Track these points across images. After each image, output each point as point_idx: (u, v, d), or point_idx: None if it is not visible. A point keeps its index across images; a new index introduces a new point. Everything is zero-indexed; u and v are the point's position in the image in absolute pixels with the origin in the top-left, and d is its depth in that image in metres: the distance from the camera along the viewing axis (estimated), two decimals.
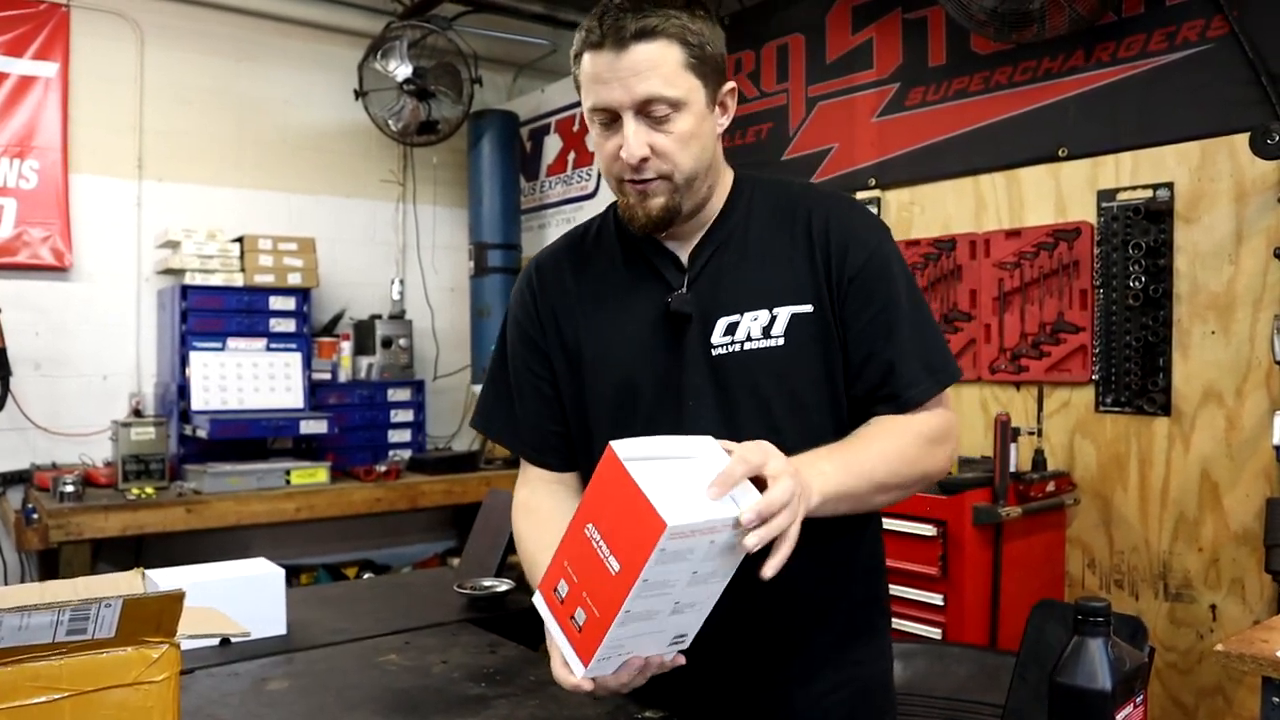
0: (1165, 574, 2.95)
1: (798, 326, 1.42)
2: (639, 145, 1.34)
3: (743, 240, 1.48)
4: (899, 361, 1.42)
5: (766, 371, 1.42)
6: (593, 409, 1.52)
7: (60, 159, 4.52)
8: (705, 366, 1.44)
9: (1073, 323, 3.14)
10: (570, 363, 1.54)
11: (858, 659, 1.54)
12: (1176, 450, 2.93)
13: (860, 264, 1.43)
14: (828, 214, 1.46)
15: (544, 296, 1.57)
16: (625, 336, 1.49)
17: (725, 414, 1.43)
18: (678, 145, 1.36)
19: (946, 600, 2.83)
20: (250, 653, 1.76)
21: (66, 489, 3.82)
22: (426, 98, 4.88)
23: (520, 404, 1.59)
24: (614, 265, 1.53)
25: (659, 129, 1.35)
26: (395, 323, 5.16)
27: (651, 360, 1.46)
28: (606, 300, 1.52)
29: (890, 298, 1.43)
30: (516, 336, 1.60)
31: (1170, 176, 2.94)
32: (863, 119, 3.79)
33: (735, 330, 1.43)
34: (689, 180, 1.40)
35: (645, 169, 1.37)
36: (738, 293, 1.44)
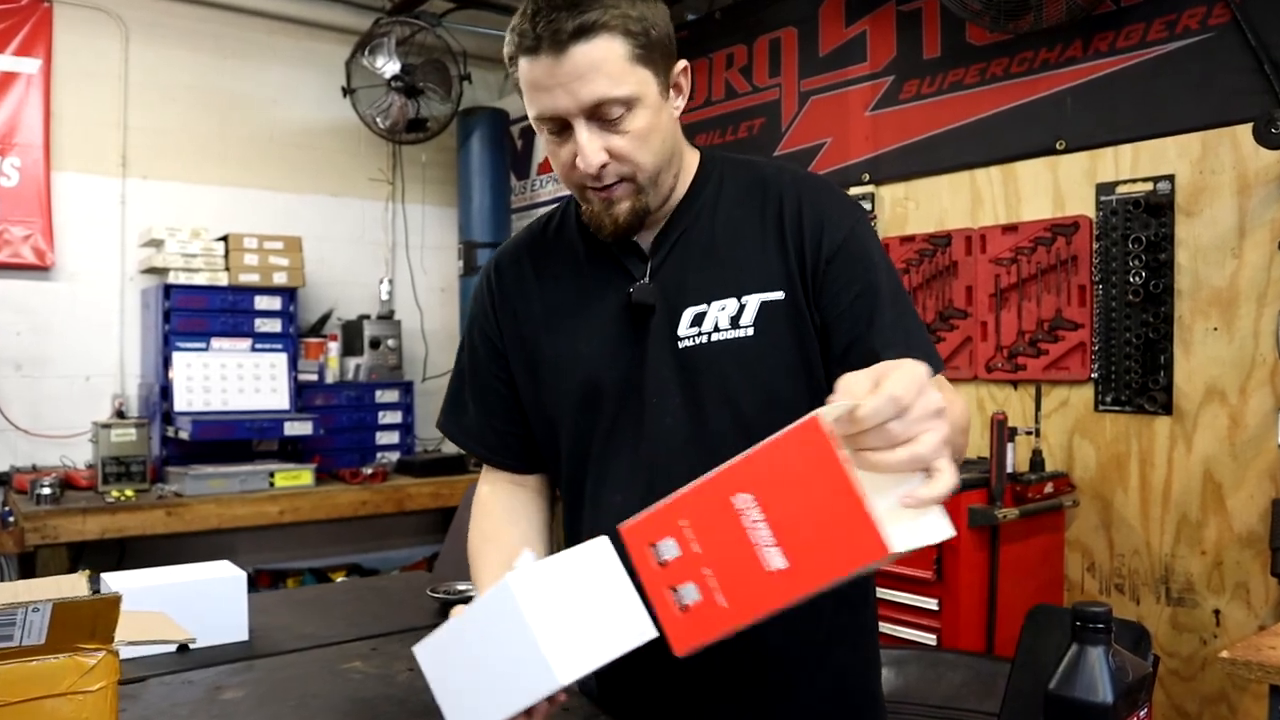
0: (1167, 578, 2.87)
1: (768, 315, 1.33)
2: (594, 153, 1.25)
3: (709, 225, 1.39)
4: (883, 350, 1.30)
5: (736, 364, 1.33)
6: (554, 410, 1.45)
7: (42, 156, 4.45)
8: (672, 360, 1.35)
9: (1071, 319, 3.06)
10: (529, 363, 1.47)
11: (842, 667, 1.46)
12: (1178, 450, 2.85)
13: (836, 245, 1.34)
14: (799, 195, 1.37)
15: (502, 296, 1.50)
16: (586, 333, 1.41)
17: (691, 410, 1.35)
18: (636, 144, 1.27)
19: (941, 605, 2.75)
20: (208, 660, 1.68)
21: (44, 491, 3.74)
22: (415, 95, 4.81)
23: (479, 406, 1.53)
24: (575, 258, 1.45)
25: (613, 131, 1.25)
26: (383, 323, 5.08)
27: (613, 357, 1.38)
28: (567, 296, 1.44)
29: (870, 282, 1.34)
30: (476, 337, 1.54)
31: (1171, 169, 2.86)
32: (856, 113, 3.71)
33: (703, 321, 1.35)
34: (653, 178, 1.32)
35: (605, 174, 1.28)
36: (704, 280, 1.36)
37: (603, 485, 1.41)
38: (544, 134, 1.30)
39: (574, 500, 1.48)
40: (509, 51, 1.27)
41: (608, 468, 1.41)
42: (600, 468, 1.42)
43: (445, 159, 5.51)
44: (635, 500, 1.36)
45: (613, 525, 1.38)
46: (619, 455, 1.40)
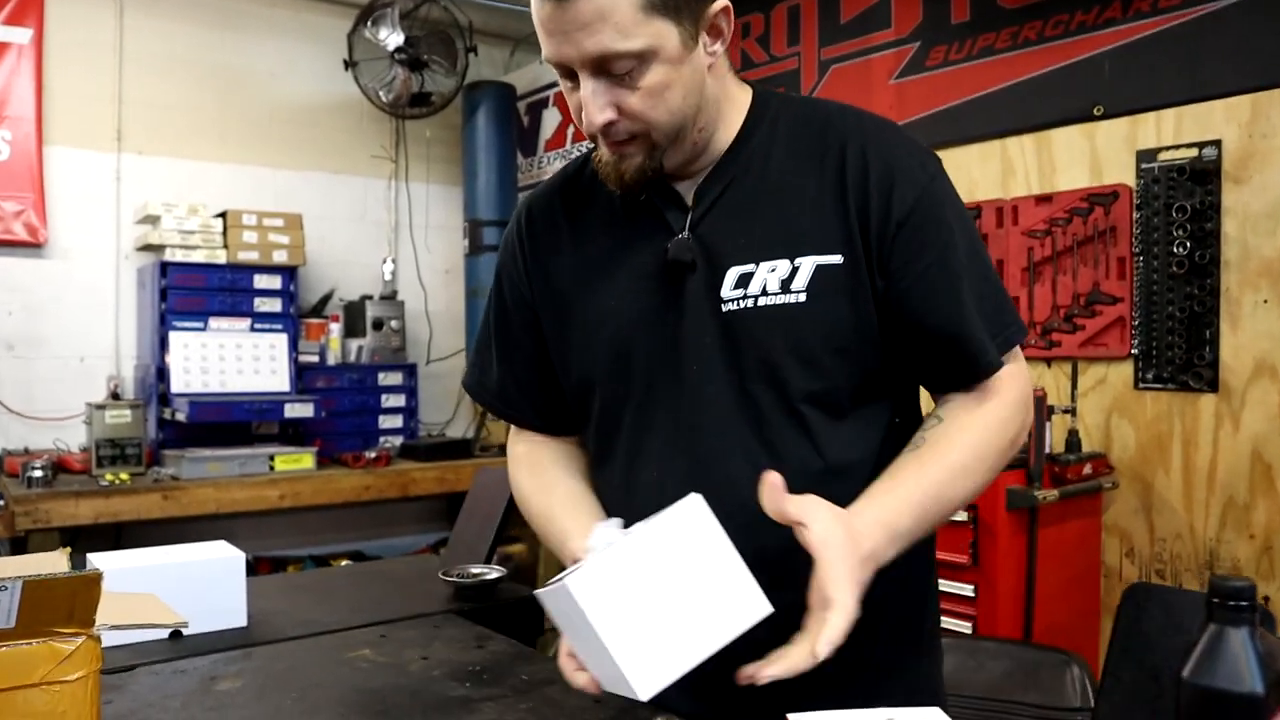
0: (1212, 563, 2.73)
1: (823, 280, 1.18)
2: (599, 109, 1.12)
3: (760, 174, 1.23)
4: (964, 325, 1.17)
5: (784, 332, 1.18)
6: (586, 374, 1.31)
7: (34, 130, 4.31)
8: (713, 324, 1.20)
9: (1110, 293, 2.91)
10: (560, 322, 1.33)
11: (905, 665, 1.32)
12: (1225, 429, 2.71)
13: (908, 208, 1.18)
14: (865, 144, 1.20)
15: (534, 245, 1.36)
16: (619, 289, 1.26)
17: (734, 379, 1.21)
18: (649, 102, 1.13)
19: (977, 591, 2.61)
20: (203, 647, 1.54)
21: (35, 474, 3.61)
22: (419, 68, 4.66)
23: (506, 362, 1.39)
24: (611, 206, 1.30)
25: (623, 86, 1.12)
26: (386, 304, 4.94)
27: (648, 318, 1.24)
28: (601, 248, 1.29)
29: (946, 246, 1.18)
30: (505, 288, 1.40)
31: (1218, 133, 2.71)
32: (880, 81, 3.57)
33: (749, 282, 1.19)
34: (671, 135, 1.17)
35: (615, 131, 1.15)
36: (753, 237, 1.20)
37: (636, 459, 1.27)
38: (558, 77, 1.17)
39: (604, 475, 1.34)
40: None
41: (641, 441, 1.27)
42: (633, 441, 1.28)
43: (450, 136, 5.36)
44: (674, 477, 1.22)
45: (648, 503, 1.24)
46: (653, 428, 1.26)
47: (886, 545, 1.06)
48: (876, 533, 1.05)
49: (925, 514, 1.11)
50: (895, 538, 1.07)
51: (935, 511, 1.13)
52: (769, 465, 1.20)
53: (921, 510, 1.11)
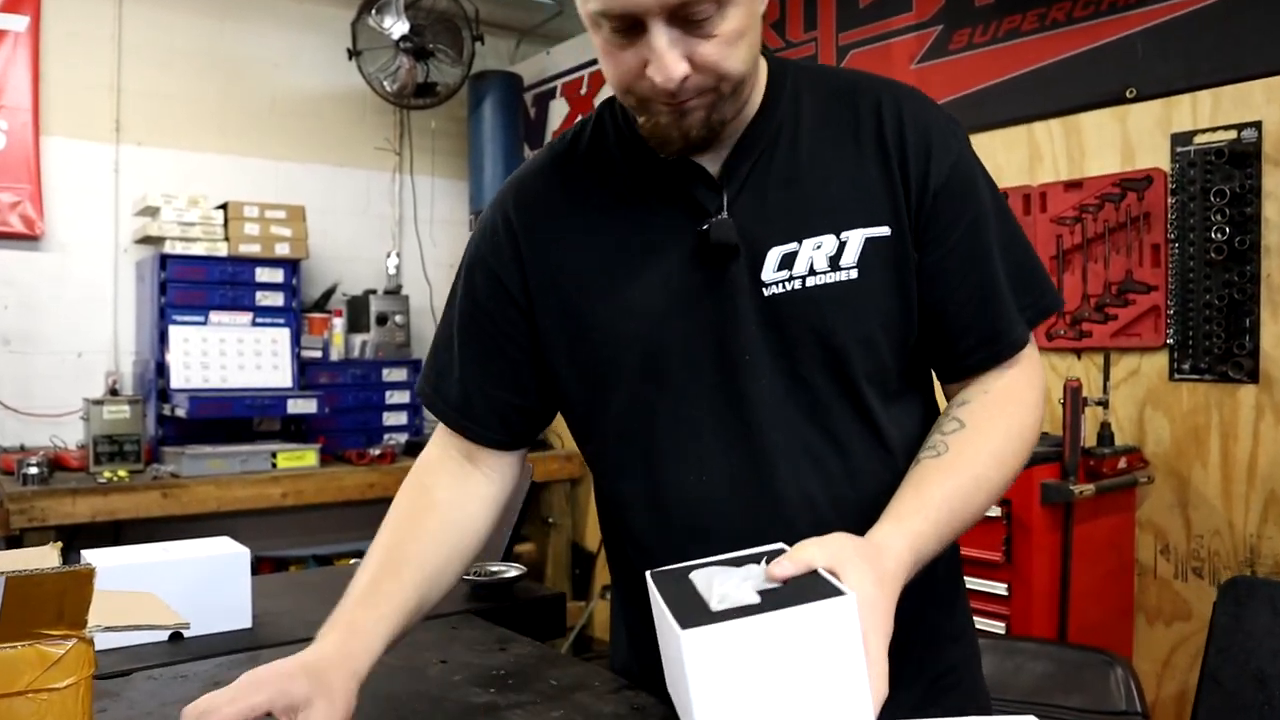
0: (1253, 560, 2.62)
1: (873, 254, 1.09)
2: (676, 63, 0.98)
3: (791, 143, 1.13)
4: (992, 300, 1.12)
5: (838, 313, 1.09)
6: (605, 374, 1.17)
7: (31, 120, 4.20)
8: (754, 312, 1.10)
9: (1143, 282, 2.81)
10: (569, 323, 1.18)
11: (942, 660, 1.24)
12: (1266, 421, 2.61)
13: (944, 176, 1.11)
14: (900, 110, 1.13)
15: (529, 234, 1.19)
16: (647, 282, 1.13)
17: (786, 369, 1.11)
18: (725, 51, 1.00)
19: (1011, 589, 2.51)
20: (205, 650, 1.44)
21: (30, 471, 3.50)
22: (424, 57, 4.57)
23: (471, 366, 1.23)
24: (622, 187, 1.17)
25: (698, 34, 0.99)
26: (391, 298, 4.84)
27: (682, 308, 1.12)
28: (618, 236, 1.16)
29: (979, 215, 1.13)
30: (480, 282, 1.22)
31: (1258, 114, 2.61)
32: (900, 67, 3.46)
33: (793, 262, 1.09)
34: (735, 87, 1.05)
35: (684, 89, 1.01)
36: (793, 214, 1.10)
37: (677, 463, 1.15)
38: (602, 32, 1.03)
39: (632, 484, 1.20)
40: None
41: (681, 444, 1.14)
42: (670, 444, 1.15)
43: (455, 128, 5.26)
44: (727, 479, 1.12)
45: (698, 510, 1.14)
46: (696, 429, 1.14)
47: (911, 574, 0.99)
48: (904, 570, 0.97)
49: (950, 532, 1.06)
50: (919, 564, 1.00)
51: (958, 529, 1.07)
52: (832, 456, 1.12)
53: (949, 530, 1.05)
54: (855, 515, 1.06)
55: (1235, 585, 1.59)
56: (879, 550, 0.96)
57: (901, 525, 1.00)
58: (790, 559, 0.91)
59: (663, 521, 1.16)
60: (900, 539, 0.98)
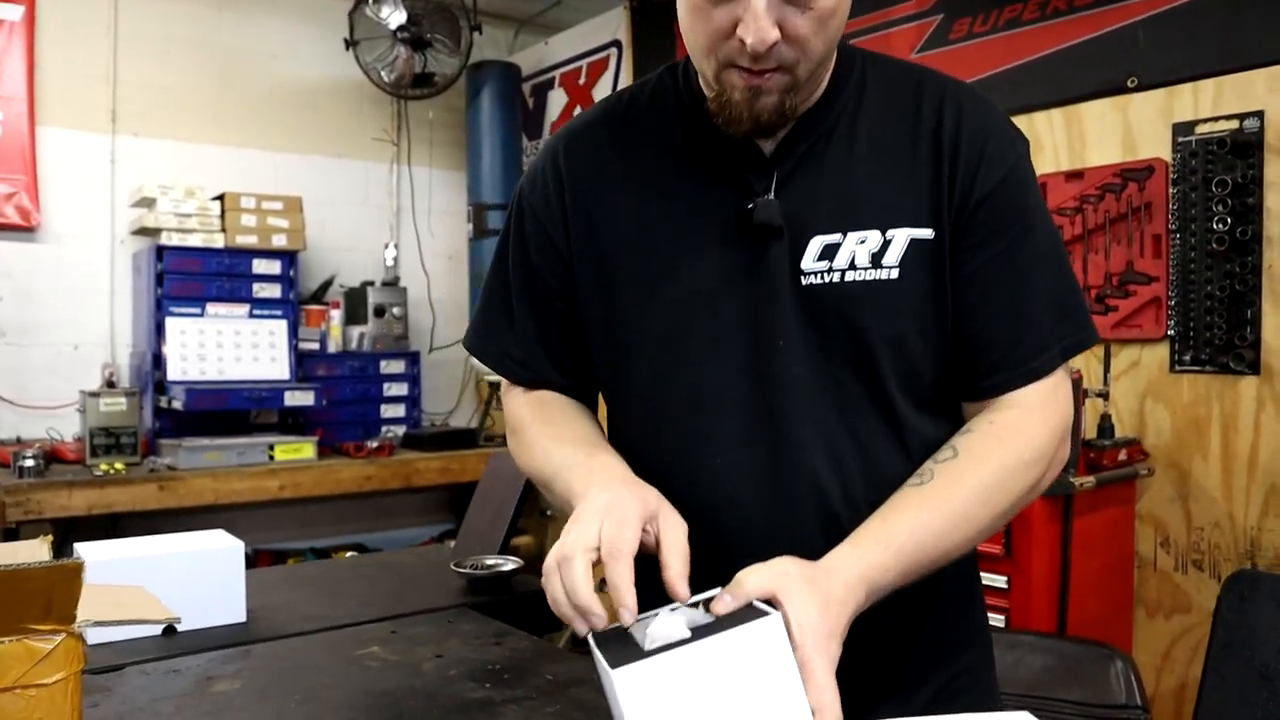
0: (1253, 552, 2.61)
1: (915, 256, 1.07)
2: (769, 27, 0.96)
3: (849, 133, 1.10)
4: (1022, 320, 1.07)
5: (874, 313, 1.07)
6: (635, 340, 1.15)
7: (26, 110, 4.18)
8: (791, 299, 1.08)
9: (1144, 273, 2.80)
10: (604, 281, 1.16)
11: (948, 652, 1.22)
12: (1267, 413, 2.59)
13: (994, 183, 1.07)
14: (960, 109, 1.09)
15: (575, 188, 1.18)
16: (685, 249, 1.11)
17: (820, 362, 1.08)
18: (817, 27, 0.99)
19: (1011, 582, 2.50)
20: (199, 644, 1.43)
21: (27, 464, 3.49)
22: (422, 47, 4.54)
23: (526, 320, 1.22)
24: (674, 152, 1.15)
25: (796, 4, 0.97)
26: (389, 290, 4.82)
27: (718, 285, 1.10)
28: (662, 199, 1.14)
29: (1023, 231, 1.08)
30: (530, 229, 1.21)
31: (1260, 104, 2.59)
32: (900, 56, 3.41)
33: (835, 255, 1.07)
34: (813, 72, 1.03)
35: (769, 57, 0.99)
36: (841, 204, 1.08)
37: (697, 444, 1.12)
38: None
39: (653, 460, 1.17)
40: None
41: (702, 423, 1.12)
42: (691, 422, 1.12)
43: (453, 119, 5.23)
44: (746, 466, 1.10)
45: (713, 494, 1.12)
46: (721, 409, 1.11)
47: (864, 602, 0.95)
48: (854, 595, 0.93)
49: (916, 567, 0.99)
50: (873, 593, 0.96)
51: (927, 564, 1.00)
52: (852, 453, 1.09)
53: (913, 564, 0.99)
54: (867, 514, 1.04)
55: (1239, 579, 1.57)
56: (826, 574, 0.93)
57: (857, 552, 0.97)
58: (729, 591, 0.90)
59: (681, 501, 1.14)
60: (852, 567, 0.95)
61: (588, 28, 4.86)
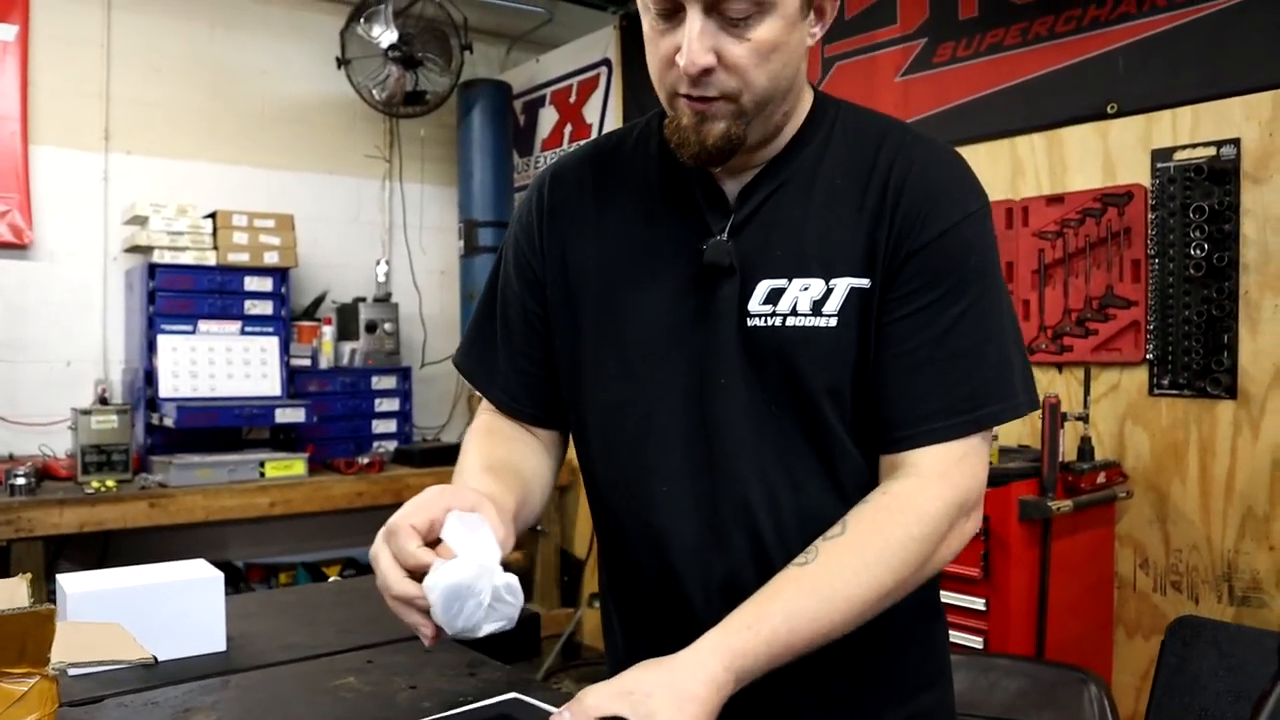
0: (1230, 575, 2.64)
1: (854, 305, 1.10)
2: (702, 51, 1.01)
3: (809, 182, 1.14)
4: (933, 379, 1.07)
5: (809, 356, 1.10)
6: (593, 370, 1.20)
7: (19, 129, 4.21)
8: (735, 338, 1.12)
9: (1124, 296, 2.83)
10: (570, 306, 1.22)
11: (899, 693, 1.24)
12: (1243, 437, 2.62)
13: (930, 238, 1.08)
14: (911, 165, 1.11)
15: (553, 218, 1.25)
16: (643, 285, 1.16)
17: (760, 401, 1.12)
18: (754, 58, 1.03)
19: (989, 605, 2.53)
20: (178, 675, 1.45)
21: (18, 481, 3.51)
22: (413, 66, 4.58)
23: (506, 343, 1.28)
24: (647, 192, 1.20)
25: (733, 33, 1.01)
26: (380, 306, 4.85)
27: (671, 320, 1.15)
28: (628, 237, 1.19)
29: (953, 291, 1.08)
30: (513, 259, 1.28)
31: (1236, 132, 2.63)
32: (885, 79, 3.48)
33: (779, 299, 1.11)
34: (760, 104, 1.06)
35: (707, 84, 1.03)
36: (790, 251, 1.12)
37: (649, 474, 1.17)
38: (649, 16, 1.07)
39: (608, 485, 1.24)
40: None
41: (650, 452, 1.17)
42: (641, 451, 1.18)
43: (445, 135, 5.27)
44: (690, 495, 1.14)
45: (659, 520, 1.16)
46: (667, 440, 1.16)
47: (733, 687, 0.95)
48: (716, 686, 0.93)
49: (787, 651, 0.98)
50: (743, 678, 0.96)
51: (801, 647, 0.99)
52: (786, 491, 1.13)
53: (785, 648, 0.98)
54: (798, 547, 1.06)
55: (1182, 625, 1.61)
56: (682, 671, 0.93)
57: (725, 640, 0.96)
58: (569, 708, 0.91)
59: (633, 527, 1.18)
60: (716, 656, 0.94)
61: (578, 46, 4.90)
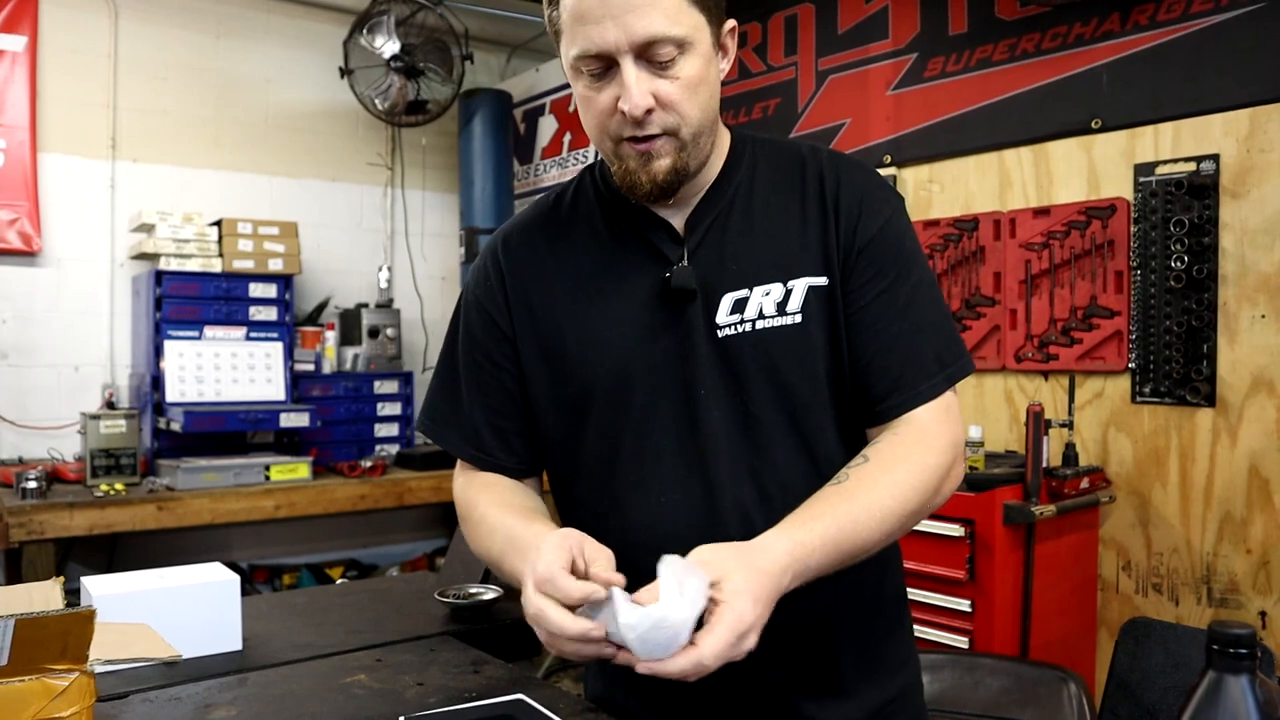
0: (1209, 577, 2.72)
1: (814, 301, 1.23)
2: (642, 94, 1.13)
3: (747, 204, 1.28)
4: (908, 349, 1.23)
5: (784, 353, 1.23)
6: (577, 401, 1.30)
7: (28, 138, 4.29)
8: (710, 350, 1.23)
9: (1107, 307, 2.91)
10: (546, 355, 1.32)
11: (881, 675, 1.34)
12: (1222, 444, 2.71)
13: (872, 233, 1.24)
14: (839, 175, 1.28)
15: (513, 276, 1.34)
16: (614, 320, 1.27)
17: (737, 403, 1.24)
18: (685, 93, 1.16)
19: (974, 606, 2.61)
20: (198, 672, 1.53)
21: (29, 485, 3.58)
22: (415, 76, 4.65)
23: (476, 400, 1.36)
24: (597, 238, 1.32)
25: (663, 75, 1.15)
26: (382, 312, 4.93)
27: (649, 346, 1.25)
28: (591, 280, 1.30)
29: (901, 274, 1.25)
30: (476, 320, 1.37)
31: (1216, 148, 2.71)
32: (877, 92, 3.56)
33: (744, 307, 1.23)
34: (696, 135, 1.19)
35: (649, 122, 1.16)
36: (747, 263, 1.25)
37: (641, 488, 1.27)
38: (582, 79, 1.19)
39: (601, 506, 1.33)
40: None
41: (644, 468, 1.27)
42: (633, 468, 1.28)
43: (446, 143, 5.35)
44: (686, 502, 1.25)
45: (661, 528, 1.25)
46: (659, 454, 1.26)
47: (791, 580, 1.06)
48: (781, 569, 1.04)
49: (837, 551, 1.10)
50: (800, 574, 1.07)
51: (847, 550, 1.11)
52: (773, 481, 1.24)
53: (835, 548, 1.10)
54: None
55: (1134, 626, 1.69)
56: (756, 549, 1.04)
57: (785, 533, 1.07)
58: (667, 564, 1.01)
59: (626, 541, 1.27)
60: (780, 542, 1.05)
61: None
